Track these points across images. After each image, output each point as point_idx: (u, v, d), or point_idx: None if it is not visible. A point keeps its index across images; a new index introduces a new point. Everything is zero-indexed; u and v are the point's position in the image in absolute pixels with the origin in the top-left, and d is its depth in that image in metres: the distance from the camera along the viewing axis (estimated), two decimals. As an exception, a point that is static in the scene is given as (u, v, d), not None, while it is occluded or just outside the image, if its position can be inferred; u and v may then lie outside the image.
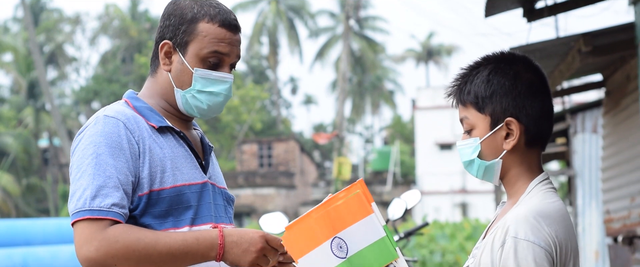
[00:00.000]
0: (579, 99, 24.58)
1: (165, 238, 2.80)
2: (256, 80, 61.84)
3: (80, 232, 2.77)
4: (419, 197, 6.72)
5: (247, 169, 46.69)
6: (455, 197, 47.65)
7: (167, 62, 3.03)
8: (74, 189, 2.83)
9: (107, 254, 2.74)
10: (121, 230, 2.78)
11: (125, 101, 3.05)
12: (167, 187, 2.91)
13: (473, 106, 2.74)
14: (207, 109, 3.04)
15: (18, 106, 54.74)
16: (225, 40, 3.00)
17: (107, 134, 2.86)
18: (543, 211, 2.61)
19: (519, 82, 2.71)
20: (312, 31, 66.17)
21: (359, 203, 2.75)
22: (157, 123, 2.98)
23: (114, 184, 2.81)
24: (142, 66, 49.49)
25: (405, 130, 64.43)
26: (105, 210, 2.77)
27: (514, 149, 2.71)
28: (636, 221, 10.37)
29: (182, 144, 3.02)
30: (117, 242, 2.75)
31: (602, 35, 8.85)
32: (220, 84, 3.02)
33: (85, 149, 2.86)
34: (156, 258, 2.79)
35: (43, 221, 12.66)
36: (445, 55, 70.58)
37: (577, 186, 15.63)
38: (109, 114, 2.92)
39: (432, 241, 22.77)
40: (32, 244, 11.43)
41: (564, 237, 2.60)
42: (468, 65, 2.80)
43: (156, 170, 2.90)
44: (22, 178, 49.77)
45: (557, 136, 16.55)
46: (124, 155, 2.86)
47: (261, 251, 2.82)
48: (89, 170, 2.81)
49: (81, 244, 2.76)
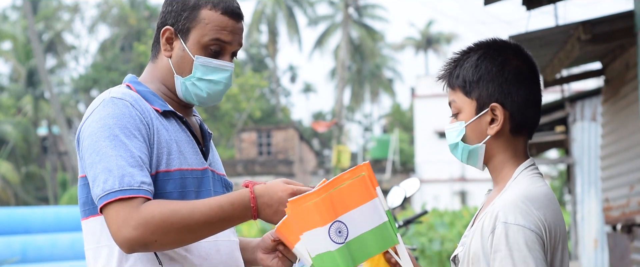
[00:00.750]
0: (578, 87, 24.56)
1: (201, 206, 2.78)
2: (255, 68, 61.82)
3: (115, 215, 2.73)
4: (418, 186, 6.72)
5: (246, 157, 46.68)
6: (455, 186, 47.69)
7: (168, 48, 3.01)
8: (95, 173, 2.78)
9: (146, 231, 2.71)
10: (155, 205, 2.75)
11: (127, 85, 3.01)
12: (172, 170, 2.89)
13: (461, 90, 2.77)
14: (206, 97, 3.02)
15: (17, 94, 54.70)
16: (227, 28, 2.98)
17: (118, 116, 2.83)
18: (531, 195, 2.62)
19: (506, 69, 2.72)
20: (311, 19, 66.08)
21: (363, 186, 2.74)
22: (160, 107, 2.96)
23: (137, 163, 2.79)
24: (141, 54, 49.42)
25: (404, 118, 64.44)
26: (136, 188, 2.74)
27: (498, 135, 2.73)
28: (635, 209, 10.38)
29: (184, 129, 3.01)
30: (153, 217, 2.72)
31: (601, 23, 8.84)
32: (220, 72, 3.00)
33: (98, 132, 2.81)
34: (194, 227, 2.76)
35: (42, 209, 12.66)
36: (445, 44, 70.53)
37: (576, 174, 15.65)
38: (116, 95, 2.89)
39: (431, 229, 22.76)
40: (31, 232, 11.44)
41: (552, 221, 2.61)
42: (460, 50, 2.83)
43: (163, 151, 2.89)
44: (21, 166, 49.78)
45: (556, 124, 16.56)
46: (139, 135, 2.83)
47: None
48: (109, 151, 2.77)
49: (118, 227, 2.72)
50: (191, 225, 2.76)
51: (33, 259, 11.22)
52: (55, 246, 11.40)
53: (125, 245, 2.74)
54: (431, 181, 46.40)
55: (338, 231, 2.69)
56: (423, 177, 45.00)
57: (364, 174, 2.75)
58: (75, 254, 11.30)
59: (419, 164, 48.61)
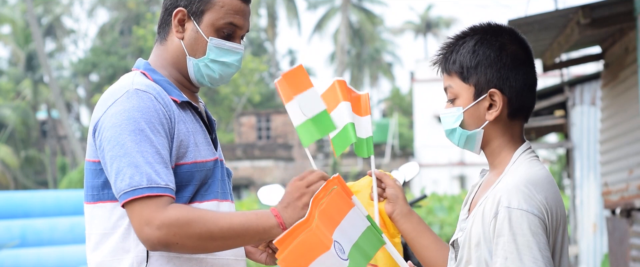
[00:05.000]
0: (578, 72, 24.53)
1: (225, 215, 2.82)
2: (255, 52, 61.72)
3: (140, 213, 2.76)
4: (417, 170, 6.69)
5: (246, 142, 46.68)
6: (454, 170, 47.70)
7: (180, 29, 3.02)
8: (119, 166, 2.79)
9: (169, 233, 2.75)
10: (180, 208, 2.79)
11: (143, 73, 3.01)
12: (187, 163, 2.91)
13: (458, 76, 2.76)
14: (218, 79, 3.05)
15: (16, 78, 54.64)
16: (240, 12, 3.02)
17: (144, 110, 2.83)
18: (532, 178, 2.63)
19: (504, 54, 2.72)
20: (311, 3, 65.96)
21: (340, 199, 2.76)
22: (178, 98, 2.97)
23: (163, 161, 2.81)
24: (140, 38, 49.31)
25: (403, 102, 64.35)
26: (163, 187, 2.78)
27: (496, 120, 2.73)
28: (634, 193, 10.39)
29: (198, 119, 3.03)
30: (178, 220, 2.75)
31: (600, 7, 8.83)
32: (232, 54, 3.03)
33: (123, 125, 2.81)
34: (217, 234, 2.79)
35: (41, 193, 12.68)
36: (444, 28, 70.36)
37: (575, 159, 15.66)
38: (140, 88, 2.89)
39: (430, 214, 22.80)
40: (31, 216, 11.45)
41: (554, 204, 2.62)
42: (455, 35, 2.83)
43: (181, 145, 2.90)
44: (21, 150, 49.78)
45: (555, 108, 16.56)
46: (163, 130, 2.85)
47: (303, 196, 2.85)
48: (134, 147, 2.79)
49: (142, 226, 2.76)
50: (214, 232, 2.79)
51: (32, 243, 11.23)
52: (55, 230, 11.41)
53: (147, 243, 2.78)
54: (430, 165, 46.40)
55: (340, 248, 2.70)
56: (422, 162, 45.01)
57: (335, 187, 2.76)
58: (74, 238, 11.32)
59: (418, 148, 48.60)
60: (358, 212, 2.75)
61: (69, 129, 45.33)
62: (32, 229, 11.29)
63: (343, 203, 2.70)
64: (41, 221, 11.43)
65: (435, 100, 45.27)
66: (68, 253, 11.22)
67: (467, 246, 2.69)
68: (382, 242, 2.80)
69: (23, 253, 11.04)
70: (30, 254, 11.11)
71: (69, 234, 11.39)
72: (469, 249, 2.67)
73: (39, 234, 11.32)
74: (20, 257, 11.01)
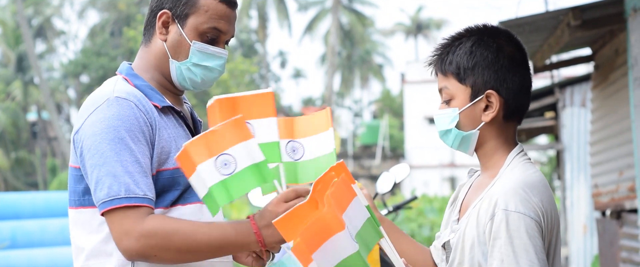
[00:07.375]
0: (568, 73, 24.57)
1: (204, 228, 2.79)
2: (245, 54, 61.62)
3: (119, 223, 2.76)
4: (407, 171, 6.71)
5: (236, 143, 46.54)
6: (444, 171, 47.72)
7: (163, 31, 3.01)
8: (98, 175, 2.79)
9: (147, 245, 2.75)
10: (159, 220, 2.78)
11: (124, 79, 3.00)
12: (169, 169, 2.90)
13: (454, 77, 2.75)
14: (200, 83, 3.04)
15: (6, 79, 54.48)
16: (224, 17, 3.00)
17: (124, 118, 2.83)
18: (528, 181, 2.63)
19: (502, 56, 2.72)
20: (301, 4, 65.91)
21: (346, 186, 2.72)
22: (159, 103, 2.96)
23: (142, 170, 2.80)
24: (131, 40, 49.18)
25: (394, 104, 64.35)
26: (141, 197, 2.77)
27: (491, 121, 2.73)
28: (624, 195, 10.40)
29: (181, 124, 3.02)
30: (156, 233, 2.75)
31: (591, 9, 8.84)
32: (215, 59, 3.02)
33: (103, 133, 2.81)
34: (195, 248, 2.78)
35: (32, 194, 12.64)
36: (435, 29, 70.41)
37: (566, 160, 15.67)
38: (120, 95, 2.88)
39: (420, 215, 22.82)
40: (21, 218, 11.42)
41: (549, 207, 2.62)
42: (450, 36, 2.82)
43: (162, 151, 2.90)
44: (11, 151, 49.65)
45: (546, 109, 16.57)
46: (143, 138, 2.84)
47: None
48: (113, 156, 2.78)
49: (121, 236, 2.76)
50: (192, 245, 2.78)
51: (23, 245, 11.20)
52: (45, 231, 11.38)
53: (126, 253, 2.78)
54: (421, 166, 46.42)
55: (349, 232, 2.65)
56: (413, 163, 45.00)
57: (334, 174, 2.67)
58: (64, 239, 11.29)
59: (409, 149, 48.63)
60: (359, 201, 2.74)
61: (59, 130, 45.22)
62: (23, 231, 11.26)
63: (348, 190, 2.69)
64: (31, 223, 11.40)
65: (426, 101, 45.29)
66: (58, 254, 11.19)
67: (460, 247, 2.68)
68: (380, 235, 2.77)
69: (13, 254, 11.01)
70: (21, 256, 11.07)
71: (59, 236, 11.35)
72: (462, 251, 2.67)
73: (30, 235, 11.29)
74: (11, 258, 10.98)
